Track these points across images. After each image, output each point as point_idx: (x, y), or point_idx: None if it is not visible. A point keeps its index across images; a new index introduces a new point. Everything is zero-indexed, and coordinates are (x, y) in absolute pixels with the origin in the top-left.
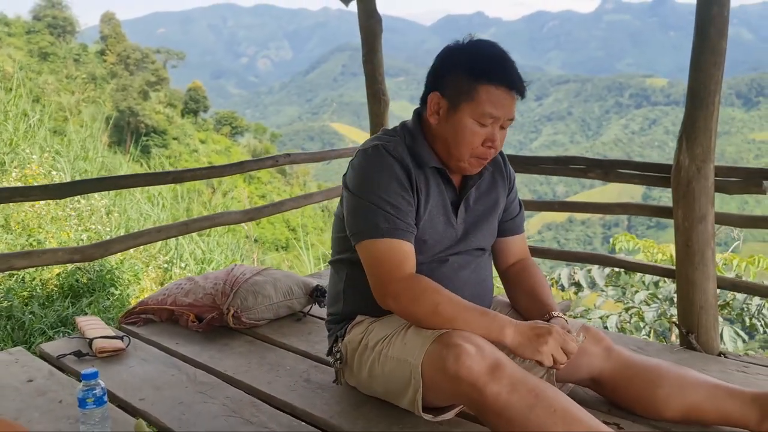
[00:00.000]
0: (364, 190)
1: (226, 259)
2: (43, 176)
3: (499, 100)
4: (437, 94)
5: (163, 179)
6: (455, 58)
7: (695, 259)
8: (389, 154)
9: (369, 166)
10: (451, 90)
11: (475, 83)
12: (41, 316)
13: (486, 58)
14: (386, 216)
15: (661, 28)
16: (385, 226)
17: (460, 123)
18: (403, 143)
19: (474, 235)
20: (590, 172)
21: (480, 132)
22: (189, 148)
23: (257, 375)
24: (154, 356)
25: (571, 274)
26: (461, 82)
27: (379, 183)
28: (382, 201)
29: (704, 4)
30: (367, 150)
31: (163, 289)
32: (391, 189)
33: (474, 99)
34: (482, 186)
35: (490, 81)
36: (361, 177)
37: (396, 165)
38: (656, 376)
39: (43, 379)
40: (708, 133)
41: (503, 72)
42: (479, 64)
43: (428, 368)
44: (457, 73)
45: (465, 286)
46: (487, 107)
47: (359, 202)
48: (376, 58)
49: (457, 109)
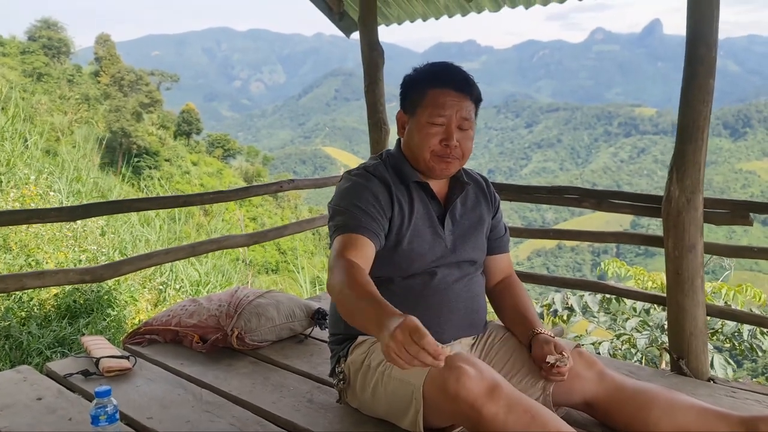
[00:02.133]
0: (341, 200)
1: (222, 282)
2: (40, 196)
3: (446, 100)
4: (401, 111)
5: (173, 203)
6: (412, 78)
7: (685, 286)
8: (369, 173)
9: (348, 184)
10: (408, 104)
11: (425, 90)
12: (39, 336)
13: (432, 70)
14: (352, 215)
15: (649, 58)
16: (352, 223)
17: (416, 126)
18: (384, 164)
19: (463, 247)
20: (584, 201)
21: (434, 132)
22: (181, 169)
23: (262, 395)
24: (159, 376)
25: (564, 299)
26: (415, 94)
27: (353, 193)
28: (353, 206)
29: (693, 44)
30: (351, 172)
31: (167, 310)
32: (363, 197)
33: (423, 104)
34: (467, 202)
35: (434, 85)
36: (340, 191)
37: (375, 181)
38: (648, 400)
39: (53, 398)
40: (697, 166)
41: (446, 76)
42: (427, 75)
43: (430, 389)
44: (413, 89)
45: (458, 299)
46: (435, 107)
47: (333, 211)
48: (378, 88)
49: (414, 115)
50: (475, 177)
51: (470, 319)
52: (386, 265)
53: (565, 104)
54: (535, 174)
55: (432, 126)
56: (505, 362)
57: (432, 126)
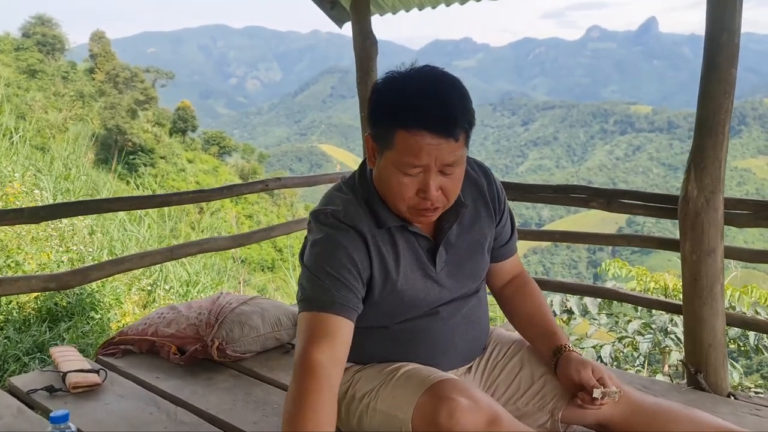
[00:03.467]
0: (309, 262)
1: (212, 281)
2: (25, 194)
3: (419, 147)
4: (369, 136)
5: (148, 203)
6: (380, 96)
7: (704, 294)
8: (341, 222)
9: (318, 241)
10: (376, 132)
11: (391, 129)
12: (17, 342)
13: (404, 99)
14: (324, 288)
15: (645, 56)
16: (323, 298)
17: (385, 172)
18: (358, 203)
19: (459, 280)
20: (592, 201)
21: (407, 182)
22: (176, 167)
23: (243, 413)
24: (132, 392)
25: (563, 301)
26: (382, 125)
27: (324, 255)
28: (322, 272)
29: (713, 31)
30: (319, 217)
31: (144, 318)
32: (335, 259)
33: (392, 147)
34: (464, 221)
35: (404, 126)
36: (311, 246)
37: (348, 234)
38: (668, 421)
39: (11, 418)
40: (717, 163)
41: (422, 114)
42: (395, 107)
43: (419, 423)
44: (380, 114)
45: (454, 335)
46: (404, 156)
47: (303, 273)
48: (371, 80)
49: (382, 156)
50: (473, 177)
51: (469, 349)
52: (376, 315)
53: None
54: (531, 172)
55: (404, 175)
56: (510, 382)
57: (404, 175)
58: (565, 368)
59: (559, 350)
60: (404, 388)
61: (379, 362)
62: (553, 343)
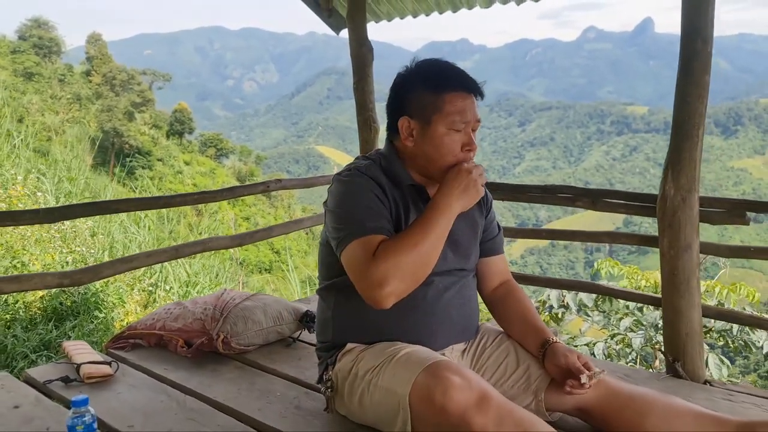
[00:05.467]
0: (343, 203)
1: (211, 282)
2: (27, 197)
3: (464, 104)
4: (406, 118)
5: (153, 204)
6: (411, 80)
7: (681, 287)
8: (363, 173)
9: (345, 185)
10: (417, 110)
11: (439, 95)
12: (24, 340)
13: (440, 71)
14: (370, 217)
15: (641, 57)
16: (371, 225)
17: (436, 135)
18: (377, 165)
19: (455, 255)
20: (578, 200)
21: (456, 138)
22: (174, 169)
23: (248, 402)
24: (142, 382)
25: (560, 297)
26: (425, 99)
27: (356, 194)
28: (362, 207)
29: (688, 39)
30: (342, 173)
31: (151, 313)
32: (368, 197)
33: (442, 110)
34: None
35: (451, 89)
36: (338, 194)
37: (370, 182)
38: (643, 405)
39: (30, 406)
40: (693, 164)
41: (459, 79)
42: (437, 78)
43: (416, 399)
44: (419, 93)
45: (450, 307)
46: (456, 113)
47: (340, 213)
48: (367, 85)
49: (430, 123)
50: None
51: (463, 325)
52: None
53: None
54: (528, 173)
55: (454, 133)
56: (497, 366)
57: (454, 133)
58: (552, 357)
59: (546, 342)
60: (404, 367)
61: (381, 337)
62: (540, 338)
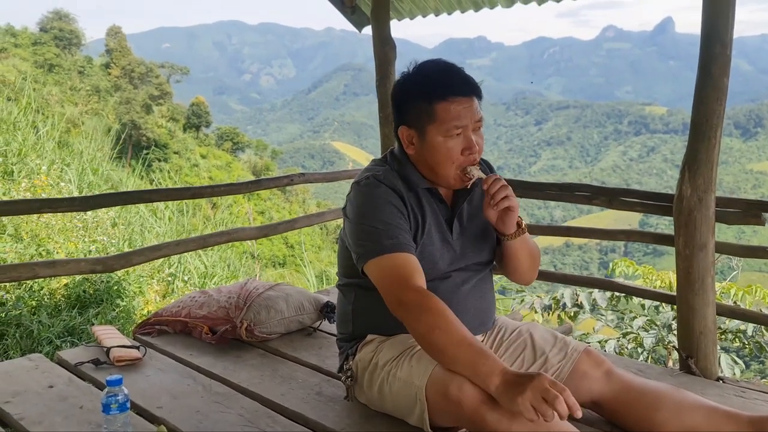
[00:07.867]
0: (362, 216)
1: (228, 274)
2: (51, 187)
3: (458, 110)
4: (404, 127)
5: (183, 194)
6: (407, 88)
7: (695, 285)
8: (381, 182)
9: (364, 196)
10: (414, 118)
11: (431, 104)
12: (49, 326)
13: (431, 78)
14: (388, 233)
15: (660, 57)
16: (389, 242)
17: (433, 144)
18: (392, 170)
19: (471, 251)
20: (595, 199)
21: (454, 145)
22: (190, 162)
23: (270, 387)
24: (170, 366)
25: (574, 295)
26: (419, 109)
27: (375, 207)
28: (381, 222)
29: (707, 42)
30: (360, 182)
31: (177, 301)
32: (387, 210)
33: (435, 119)
34: (474, 200)
35: (442, 97)
36: (358, 206)
37: (388, 191)
38: (655, 400)
39: (64, 385)
40: (709, 165)
41: (450, 84)
42: (428, 87)
43: (432, 392)
44: (412, 103)
45: (467, 300)
46: (449, 121)
47: (360, 227)
48: (390, 82)
49: (426, 132)
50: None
51: (480, 318)
52: None
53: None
54: (544, 172)
55: (449, 139)
56: (514, 359)
57: (449, 139)
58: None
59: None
60: (421, 360)
61: (400, 330)
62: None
